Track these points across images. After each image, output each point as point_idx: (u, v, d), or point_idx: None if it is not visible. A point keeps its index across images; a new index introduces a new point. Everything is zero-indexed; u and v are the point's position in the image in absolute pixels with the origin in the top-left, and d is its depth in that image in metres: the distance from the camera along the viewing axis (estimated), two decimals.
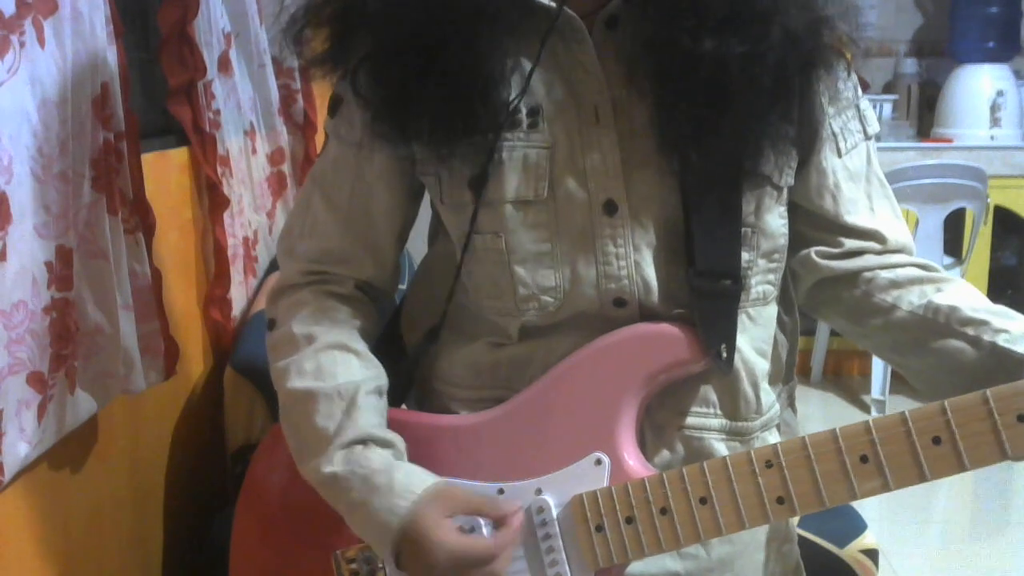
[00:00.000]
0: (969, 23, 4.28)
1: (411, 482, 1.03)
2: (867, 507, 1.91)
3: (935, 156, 4.03)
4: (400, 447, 1.08)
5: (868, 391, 4.00)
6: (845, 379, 4.38)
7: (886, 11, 4.59)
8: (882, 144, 4.17)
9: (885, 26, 4.59)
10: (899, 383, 3.98)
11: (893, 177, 3.67)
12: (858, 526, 1.73)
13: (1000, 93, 4.22)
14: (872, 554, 1.70)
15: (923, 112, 4.56)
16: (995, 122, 4.22)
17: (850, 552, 1.69)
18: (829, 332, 4.23)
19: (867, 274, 1.12)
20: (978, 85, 4.24)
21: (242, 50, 2.18)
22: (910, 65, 4.53)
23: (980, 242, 4.02)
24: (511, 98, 1.04)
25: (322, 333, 1.12)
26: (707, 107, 1.01)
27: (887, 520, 3.07)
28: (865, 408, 4.00)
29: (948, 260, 3.96)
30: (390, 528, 1.01)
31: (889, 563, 2.76)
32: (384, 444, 1.07)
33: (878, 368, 3.92)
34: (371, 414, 1.08)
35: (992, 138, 4.21)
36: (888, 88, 4.62)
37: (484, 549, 1.00)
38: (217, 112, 1.95)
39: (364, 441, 1.06)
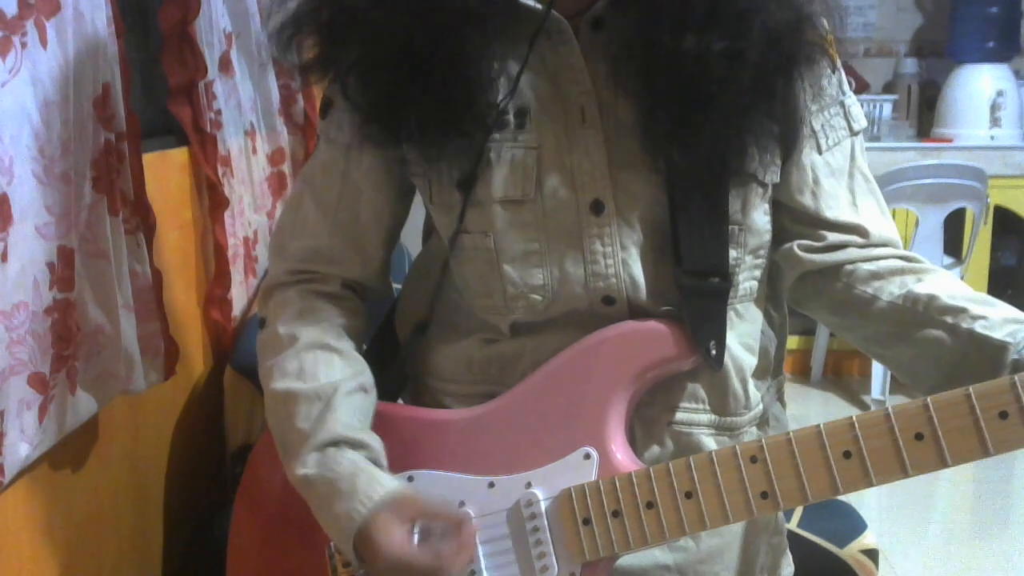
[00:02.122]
0: (969, 23, 4.28)
1: (372, 488, 1.04)
2: (867, 507, 1.92)
3: (935, 156, 4.03)
4: (375, 447, 1.09)
5: (868, 391, 4.01)
6: (845, 379, 4.38)
7: (886, 11, 4.59)
8: (882, 144, 4.18)
9: (885, 26, 4.60)
10: (899, 383, 3.98)
11: (893, 177, 3.67)
12: (858, 526, 1.73)
13: (1000, 93, 4.21)
14: (872, 554, 1.70)
15: (923, 112, 4.56)
16: (995, 122, 4.22)
17: (850, 552, 1.69)
18: (829, 332, 4.23)
19: (848, 267, 1.11)
20: (978, 85, 4.24)
21: (243, 50, 2.18)
22: (910, 65, 4.53)
23: (980, 242, 4.01)
24: (499, 99, 1.05)
25: (304, 333, 1.13)
26: (690, 106, 1.02)
27: (887, 520, 3.07)
28: (865, 408, 3.99)
29: (948, 260, 3.96)
30: (348, 532, 1.03)
31: (889, 563, 2.77)
32: (357, 445, 1.07)
33: (878, 368, 3.92)
34: (346, 414, 1.09)
35: (992, 138, 4.21)
36: (888, 88, 4.62)
37: (431, 559, 1.01)
38: (218, 112, 1.96)
39: (336, 443, 1.07)
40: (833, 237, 1.12)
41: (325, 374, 1.10)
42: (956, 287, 1.07)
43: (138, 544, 1.64)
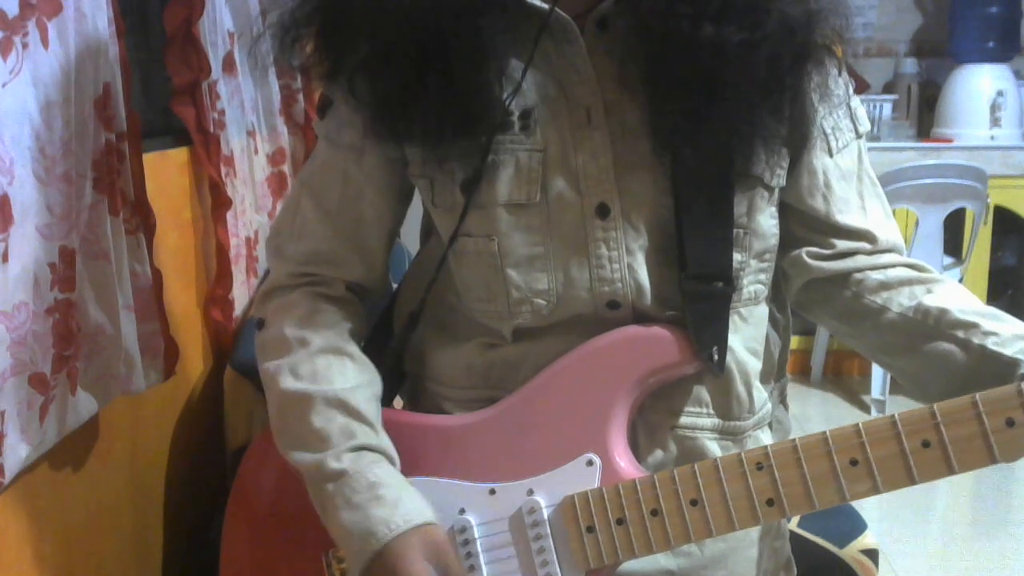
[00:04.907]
0: (969, 23, 4.28)
1: (412, 509, 1.04)
2: (867, 507, 1.91)
3: (935, 156, 4.03)
4: (399, 464, 1.09)
5: (868, 391, 4.00)
6: (845, 379, 4.38)
7: (886, 11, 4.59)
8: (882, 144, 4.18)
9: (885, 26, 4.60)
10: (899, 383, 3.98)
11: (893, 177, 3.67)
12: (858, 526, 1.72)
13: (1000, 93, 4.21)
14: (872, 554, 1.70)
15: (923, 112, 4.56)
16: (995, 122, 4.22)
17: (850, 552, 1.68)
18: (829, 332, 4.23)
19: (857, 275, 1.12)
20: (978, 85, 4.24)
21: (245, 50, 2.18)
22: (910, 65, 4.53)
23: (980, 242, 4.01)
24: (503, 99, 1.05)
25: (315, 337, 1.12)
26: (701, 99, 1.01)
27: (887, 520, 3.07)
28: (865, 408, 4.00)
29: (948, 260, 3.96)
30: (376, 541, 1.02)
31: (889, 563, 2.77)
32: (392, 460, 1.08)
33: (878, 368, 3.91)
34: (378, 424, 1.09)
35: (992, 138, 4.21)
36: (888, 88, 4.62)
37: None
38: (222, 112, 1.95)
39: (374, 449, 1.07)
40: (843, 244, 1.12)
41: (340, 379, 1.10)
42: (966, 300, 1.07)
43: (138, 544, 1.64)
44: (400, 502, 1.03)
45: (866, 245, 1.12)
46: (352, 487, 1.04)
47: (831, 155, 1.12)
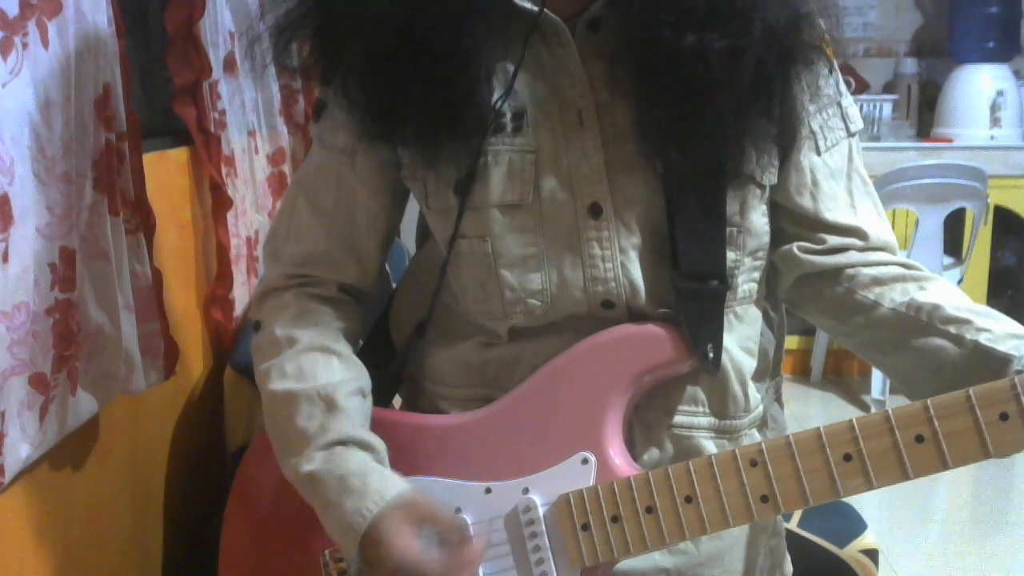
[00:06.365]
0: (969, 23, 4.28)
1: (384, 487, 1.04)
2: (867, 507, 1.91)
3: (935, 156, 4.03)
4: (381, 450, 1.09)
5: (868, 391, 4.01)
6: (845, 379, 4.38)
7: (886, 11, 4.59)
8: (882, 144, 4.18)
9: (885, 26, 4.60)
10: None
11: (893, 177, 3.67)
12: (858, 526, 1.72)
13: (1000, 93, 4.21)
14: (872, 554, 1.70)
15: (923, 112, 4.56)
16: (995, 122, 4.22)
17: (850, 552, 1.68)
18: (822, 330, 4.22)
19: (849, 271, 1.11)
20: (978, 85, 4.24)
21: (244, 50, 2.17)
22: (910, 65, 4.53)
23: (980, 242, 4.01)
24: (495, 100, 1.05)
25: (303, 335, 1.13)
26: (688, 104, 1.01)
27: (887, 520, 3.07)
28: (865, 408, 4.00)
29: (948, 260, 3.96)
30: (357, 530, 1.02)
31: (889, 563, 2.77)
32: (364, 447, 1.08)
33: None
34: (353, 415, 1.09)
35: (992, 138, 4.21)
36: (888, 88, 4.62)
37: (439, 566, 1.01)
38: (222, 112, 1.95)
39: (344, 442, 1.07)
40: (833, 240, 1.12)
41: (325, 375, 1.10)
42: (959, 298, 1.07)
43: (138, 544, 1.64)
44: (368, 487, 1.04)
45: (857, 242, 1.12)
46: (324, 486, 1.05)
47: (819, 153, 1.12)
